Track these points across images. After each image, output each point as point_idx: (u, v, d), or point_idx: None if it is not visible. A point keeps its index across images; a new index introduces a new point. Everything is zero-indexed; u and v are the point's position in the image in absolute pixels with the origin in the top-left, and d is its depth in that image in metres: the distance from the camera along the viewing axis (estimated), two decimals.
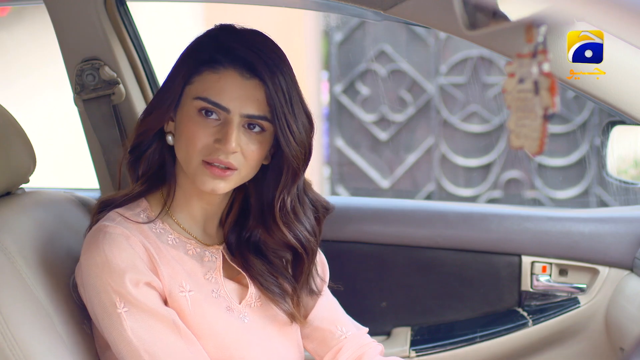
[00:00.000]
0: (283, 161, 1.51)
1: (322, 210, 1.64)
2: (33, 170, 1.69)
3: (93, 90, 2.06)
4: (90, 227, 1.54)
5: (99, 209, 1.56)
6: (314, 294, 1.66)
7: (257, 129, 1.48)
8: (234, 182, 1.49)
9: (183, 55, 1.53)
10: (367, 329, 1.73)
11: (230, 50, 1.47)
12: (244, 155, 1.47)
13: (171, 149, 1.54)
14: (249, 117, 1.46)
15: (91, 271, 1.44)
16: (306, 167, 1.55)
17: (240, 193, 1.61)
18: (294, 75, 1.51)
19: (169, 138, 1.53)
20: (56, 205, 1.72)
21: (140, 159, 1.56)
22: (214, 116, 1.46)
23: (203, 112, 1.46)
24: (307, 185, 1.61)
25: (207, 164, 1.45)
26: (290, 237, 1.56)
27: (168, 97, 1.50)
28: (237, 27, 1.53)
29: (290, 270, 1.63)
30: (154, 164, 1.56)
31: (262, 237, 1.59)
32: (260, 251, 1.61)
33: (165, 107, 1.50)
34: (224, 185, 1.47)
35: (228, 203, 1.61)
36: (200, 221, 1.58)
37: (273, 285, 1.59)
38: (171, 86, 1.50)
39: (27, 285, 1.47)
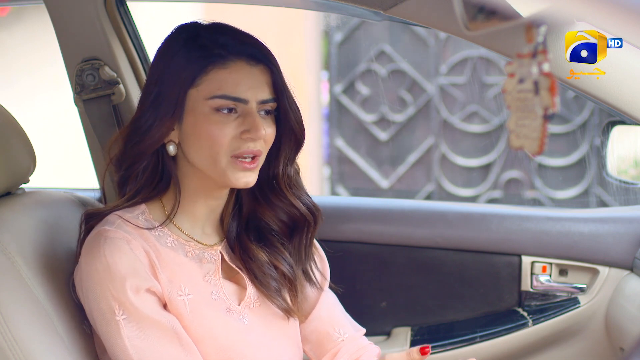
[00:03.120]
0: (284, 136, 1.55)
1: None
2: (33, 170, 1.69)
3: (93, 90, 2.06)
4: (80, 240, 1.53)
5: (86, 220, 1.55)
6: (313, 284, 1.65)
7: (268, 112, 1.51)
8: (259, 169, 1.51)
9: (171, 64, 1.49)
10: (364, 330, 1.72)
11: (227, 43, 1.48)
12: (264, 140, 1.50)
13: (171, 158, 1.52)
14: (263, 102, 1.49)
15: (92, 277, 1.44)
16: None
17: None
18: None
19: (170, 148, 1.51)
20: (56, 205, 1.71)
21: (130, 176, 1.54)
22: (231, 111, 1.48)
23: (222, 109, 1.47)
24: None
25: (236, 158, 1.47)
26: (298, 202, 1.60)
27: (170, 108, 1.48)
28: (204, 23, 1.54)
29: (289, 247, 1.63)
30: (147, 178, 1.53)
31: (260, 215, 1.60)
32: (261, 235, 1.61)
33: (168, 118, 1.48)
34: (255, 176, 1.50)
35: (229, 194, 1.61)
36: (201, 221, 1.57)
37: (271, 279, 1.58)
38: (169, 95, 1.48)
39: (27, 285, 1.47)
